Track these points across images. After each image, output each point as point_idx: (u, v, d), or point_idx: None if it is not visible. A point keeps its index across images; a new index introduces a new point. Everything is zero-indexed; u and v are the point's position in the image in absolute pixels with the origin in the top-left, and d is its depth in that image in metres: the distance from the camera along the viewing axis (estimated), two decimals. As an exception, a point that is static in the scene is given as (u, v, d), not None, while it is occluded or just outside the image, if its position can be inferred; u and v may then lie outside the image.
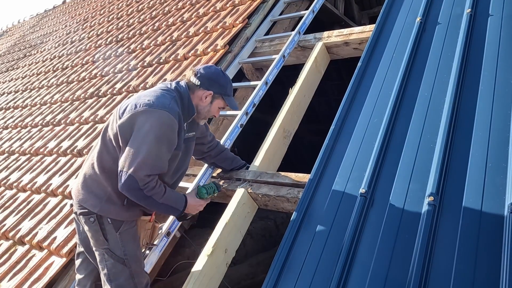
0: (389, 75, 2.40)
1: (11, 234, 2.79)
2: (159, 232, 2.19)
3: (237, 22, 3.64)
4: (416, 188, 1.75)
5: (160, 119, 1.67)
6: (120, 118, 1.73)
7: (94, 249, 1.82)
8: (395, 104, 2.15)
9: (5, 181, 3.53)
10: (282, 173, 2.25)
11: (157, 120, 1.66)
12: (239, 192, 2.24)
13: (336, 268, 1.61)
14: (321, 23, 4.89)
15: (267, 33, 3.74)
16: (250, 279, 4.17)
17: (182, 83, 1.90)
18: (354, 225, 1.71)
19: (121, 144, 1.70)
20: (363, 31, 2.96)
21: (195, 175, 2.48)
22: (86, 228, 1.80)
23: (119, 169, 1.67)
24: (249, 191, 2.24)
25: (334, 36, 3.09)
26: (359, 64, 2.55)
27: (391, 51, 2.56)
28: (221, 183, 2.40)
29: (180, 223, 2.29)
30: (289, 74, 3.77)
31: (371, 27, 2.92)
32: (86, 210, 1.77)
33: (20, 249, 2.64)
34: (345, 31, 3.06)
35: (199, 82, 1.86)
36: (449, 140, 1.84)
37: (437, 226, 1.57)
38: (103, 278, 1.81)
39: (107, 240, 1.77)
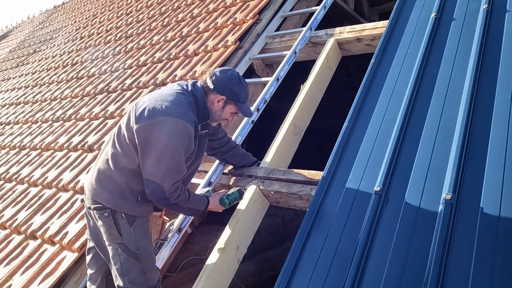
0: (403, 71, 2.37)
1: (23, 228, 2.81)
2: (170, 228, 2.19)
3: (248, 18, 3.62)
4: (432, 186, 1.72)
5: (179, 129, 1.71)
6: (136, 120, 1.74)
7: (106, 243, 1.83)
8: (410, 101, 2.12)
9: (16, 175, 3.56)
10: (295, 170, 2.24)
11: (176, 131, 1.70)
12: (251, 189, 2.23)
13: (350, 267, 1.60)
14: (330, 19, 4.84)
15: (277, 29, 3.72)
16: (257, 276, 4.17)
17: (199, 85, 1.89)
18: (369, 223, 1.69)
19: (138, 147, 1.74)
20: (376, 27, 2.92)
21: (206, 172, 2.48)
22: (99, 223, 1.80)
23: (144, 176, 1.74)
24: (261, 188, 2.23)
25: (346, 32, 3.06)
26: (372, 60, 2.52)
27: (405, 47, 2.52)
28: (232, 180, 2.40)
29: (191, 219, 2.29)
30: (295, 70, 3.73)
31: (384, 23, 2.88)
32: (100, 205, 1.78)
33: (32, 244, 2.66)
34: (358, 27, 3.02)
35: (213, 85, 1.86)
36: (466, 137, 1.80)
37: (454, 226, 1.55)
38: (115, 273, 1.82)
39: (120, 235, 1.78)
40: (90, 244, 1.99)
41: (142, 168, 1.74)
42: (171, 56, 3.86)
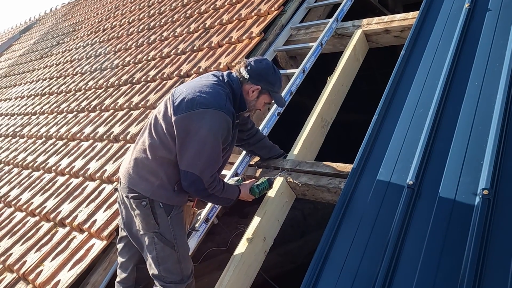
0: (435, 64, 2.31)
1: (51, 216, 2.87)
2: (198, 218, 2.21)
3: (272, 9, 3.58)
4: (467, 181, 1.68)
5: (218, 121, 1.71)
6: (175, 111, 1.73)
7: (142, 233, 1.84)
8: (443, 94, 2.07)
9: (43, 164, 3.64)
10: (323, 163, 2.22)
11: (215, 123, 1.71)
12: (278, 181, 2.22)
13: (382, 262, 1.57)
14: (354, 11, 4.75)
15: (301, 21, 3.67)
16: (278, 268, 4.19)
17: (234, 75, 1.89)
18: (401, 218, 1.66)
19: (176, 138, 1.74)
20: (406, 18, 2.86)
21: (232, 163, 2.48)
22: (136, 212, 1.82)
23: (182, 168, 1.75)
24: (288, 180, 2.22)
25: (374, 23, 3.00)
26: (402, 52, 2.46)
27: (436, 39, 2.46)
28: (258, 172, 2.39)
29: (218, 210, 2.30)
30: (315, 63, 3.69)
31: (414, 14, 2.82)
32: (138, 194, 1.80)
33: (61, 231, 2.72)
34: (386, 18, 2.96)
35: (248, 75, 1.85)
36: (503, 131, 1.75)
37: (492, 222, 1.51)
38: (150, 261, 1.84)
39: (158, 224, 1.80)
40: (123, 233, 2.01)
41: (180, 160, 1.74)
42: (195, 48, 3.86)
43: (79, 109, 4.28)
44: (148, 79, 3.92)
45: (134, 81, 4.08)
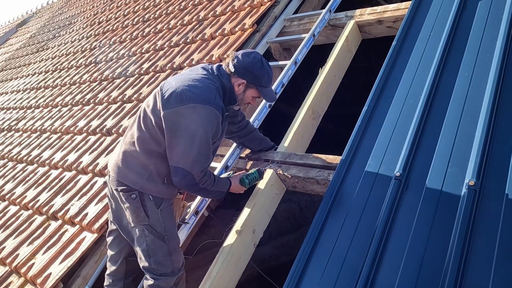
0: (426, 54, 2.29)
1: (44, 209, 2.88)
2: (188, 211, 2.21)
3: (266, 0, 3.55)
4: (454, 172, 1.67)
5: (208, 117, 1.70)
6: (163, 105, 1.71)
7: (132, 225, 1.84)
8: (433, 85, 2.05)
9: (37, 158, 3.64)
10: (313, 155, 2.21)
11: (205, 118, 1.69)
12: (268, 173, 2.21)
13: (368, 253, 1.57)
14: (351, 1, 4.72)
15: (295, 12, 3.64)
16: (274, 261, 4.20)
17: (224, 68, 1.87)
18: (388, 209, 1.66)
19: (165, 133, 1.72)
20: (398, 9, 2.83)
21: (222, 156, 2.47)
22: (126, 205, 1.81)
23: (172, 163, 1.74)
24: (278, 172, 2.21)
25: (366, 14, 2.97)
26: (394, 42, 2.44)
27: (428, 29, 2.43)
28: (249, 164, 2.39)
29: (208, 202, 2.30)
30: (313, 55, 3.66)
31: (406, 4, 2.79)
32: (127, 187, 1.79)
33: (53, 224, 2.72)
34: (379, 8, 2.93)
35: (234, 69, 1.83)
36: (491, 122, 1.74)
37: (477, 213, 1.50)
38: (140, 254, 1.84)
39: (148, 217, 1.79)
40: (113, 226, 2.00)
41: (169, 155, 1.72)
42: (188, 40, 3.83)
43: (73, 103, 4.27)
44: (142, 72, 3.90)
45: (127, 74, 4.05)
